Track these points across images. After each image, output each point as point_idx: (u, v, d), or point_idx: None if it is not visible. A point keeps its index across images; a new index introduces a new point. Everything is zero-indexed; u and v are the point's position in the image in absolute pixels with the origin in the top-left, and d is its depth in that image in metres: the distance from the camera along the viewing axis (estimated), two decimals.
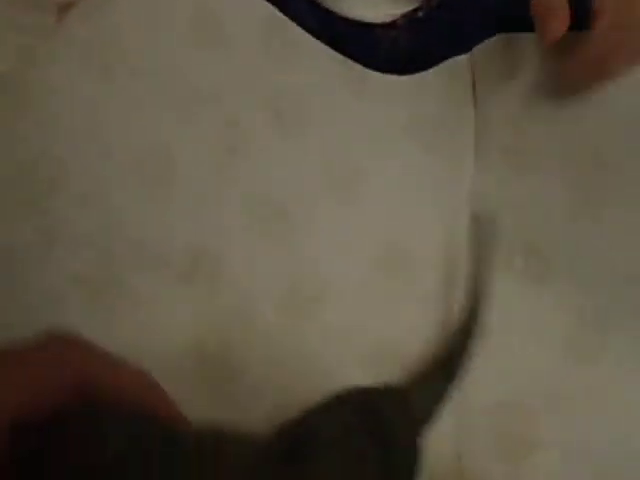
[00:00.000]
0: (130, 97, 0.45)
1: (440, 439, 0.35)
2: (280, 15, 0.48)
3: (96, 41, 0.45)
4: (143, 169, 0.44)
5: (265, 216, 0.45)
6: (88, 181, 0.43)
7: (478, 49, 0.49)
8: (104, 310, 0.41)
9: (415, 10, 0.52)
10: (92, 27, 0.45)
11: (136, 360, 0.30)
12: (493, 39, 0.49)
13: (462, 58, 0.49)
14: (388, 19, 0.51)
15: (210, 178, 0.44)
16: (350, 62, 0.50)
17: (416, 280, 0.44)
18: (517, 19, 0.47)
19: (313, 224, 0.45)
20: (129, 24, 0.46)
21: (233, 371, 0.41)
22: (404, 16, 0.51)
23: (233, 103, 0.46)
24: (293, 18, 0.49)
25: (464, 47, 0.49)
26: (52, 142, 0.43)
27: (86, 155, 0.43)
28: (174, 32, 0.47)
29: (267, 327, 0.42)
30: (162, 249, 0.43)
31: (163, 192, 0.44)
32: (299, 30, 0.49)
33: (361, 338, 0.43)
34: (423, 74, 0.49)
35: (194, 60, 0.47)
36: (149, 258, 0.43)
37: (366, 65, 0.50)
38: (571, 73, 0.45)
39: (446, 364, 0.38)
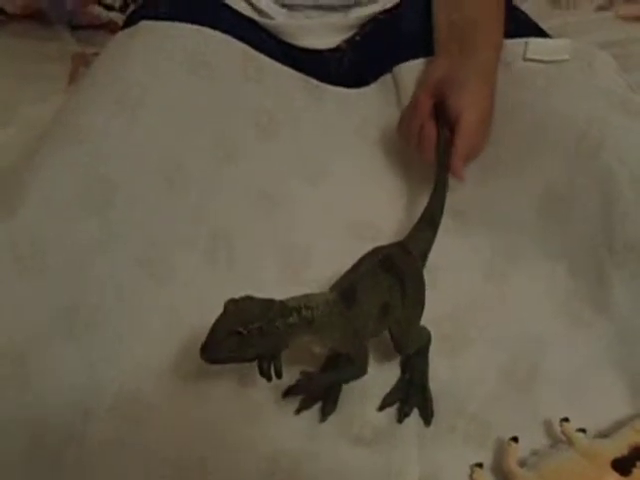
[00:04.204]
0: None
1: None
2: (252, 50, 0.63)
3: None
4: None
5: (258, 199, 0.59)
6: None
7: (401, 67, 0.64)
8: None
9: (354, 35, 0.68)
10: None
11: None
12: (415, 60, 0.64)
13: (388, 75, 0.64)
14: (334, 45, 0.67)
15: (215, 177, 0.58)
16: (308, 78, 0.65)
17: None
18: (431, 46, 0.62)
19: (292, 203, 0.59)
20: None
21: None
22: (346, 41, 0.67)
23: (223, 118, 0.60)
24: (262, 51, 0.64)
25: (391, 64, 0.64)
26: None
27: None
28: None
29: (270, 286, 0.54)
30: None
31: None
32: (267, 59, 0.63)
33: None
34: (363, 88, 0.65)
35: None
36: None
37: (321, 80, 0.66)
38: None
39: (429, 219, 0.55)
